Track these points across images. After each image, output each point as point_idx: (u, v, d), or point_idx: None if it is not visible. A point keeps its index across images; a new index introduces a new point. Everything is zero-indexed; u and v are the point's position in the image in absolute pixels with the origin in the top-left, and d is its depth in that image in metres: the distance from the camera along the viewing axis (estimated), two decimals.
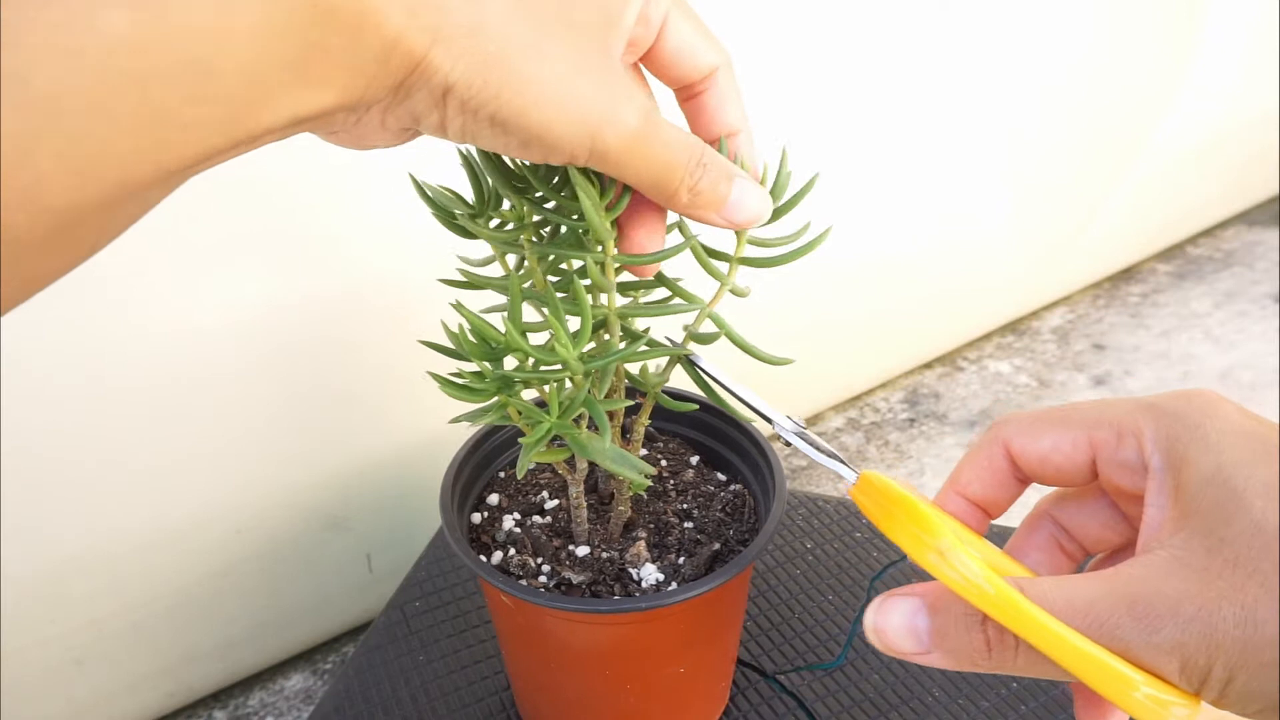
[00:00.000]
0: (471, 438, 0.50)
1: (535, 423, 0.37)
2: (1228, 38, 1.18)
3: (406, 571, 0.63)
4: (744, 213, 0.34)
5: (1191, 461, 0.26)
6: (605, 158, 0.30)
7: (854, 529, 0.65)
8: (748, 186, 0.34)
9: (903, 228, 1.02)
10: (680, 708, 0.49)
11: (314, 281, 0.64)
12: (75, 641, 0.65)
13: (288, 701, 0.74)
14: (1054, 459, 0.30)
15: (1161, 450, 0.28)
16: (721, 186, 0.33)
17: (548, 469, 0.52)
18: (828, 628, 0.58)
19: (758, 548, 0.42)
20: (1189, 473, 0.26)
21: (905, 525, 0.29)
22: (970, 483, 0.32)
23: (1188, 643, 0.24)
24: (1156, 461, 0.28)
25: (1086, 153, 1.15)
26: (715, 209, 0.34)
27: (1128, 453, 0.29)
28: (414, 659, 0.56)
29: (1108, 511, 0.32)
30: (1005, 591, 0.26)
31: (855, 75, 0.87)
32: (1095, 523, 0.33)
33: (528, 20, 0.28)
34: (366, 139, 0.29)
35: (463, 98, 0.27)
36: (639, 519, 0.48)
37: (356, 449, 0.72)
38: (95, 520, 0.62)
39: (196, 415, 0.63)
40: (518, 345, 0.34)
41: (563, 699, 0.48)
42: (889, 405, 1.13)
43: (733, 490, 0.50)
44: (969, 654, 0.28)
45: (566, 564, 0.45)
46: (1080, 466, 0.30)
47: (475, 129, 0.28)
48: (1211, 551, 0.25)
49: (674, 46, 0.33)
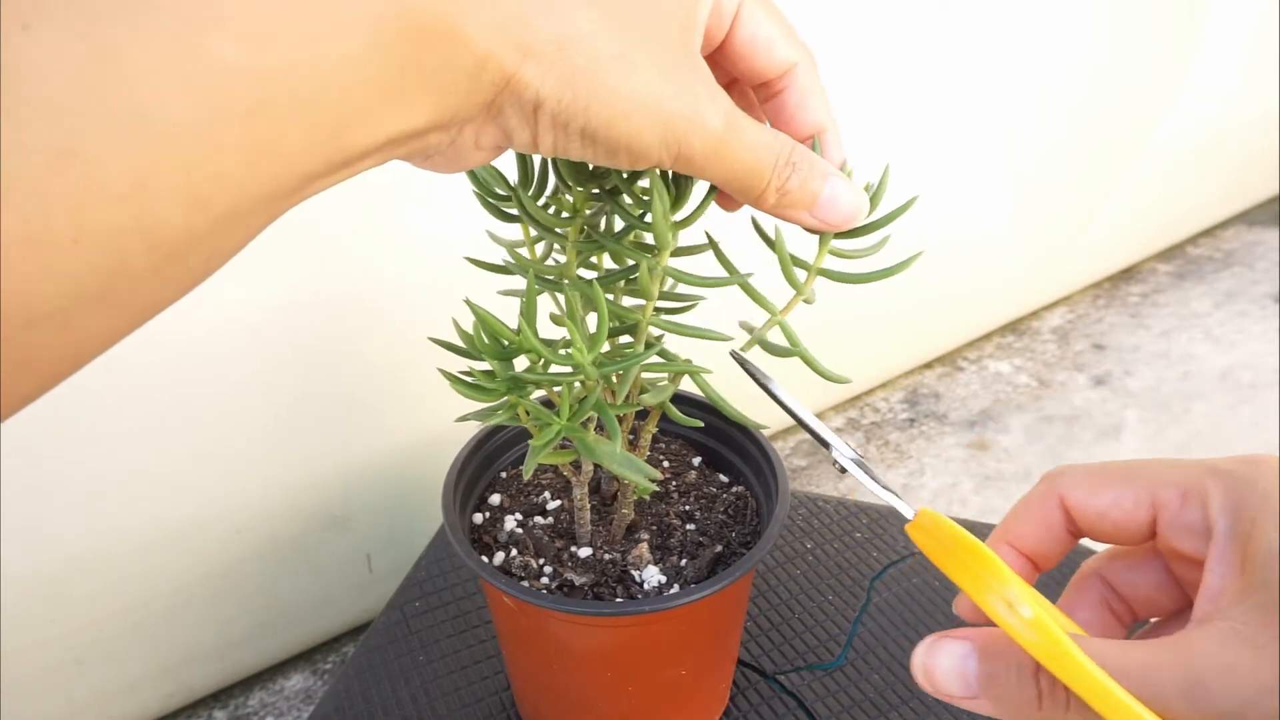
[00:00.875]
0: (474, 437, 0.49)
1: (544, 425, 0.36)
2: (1228, 38, 1.18)
3: (406, 571, 0.63)
4: (838, 212, 0.34)
5: (1260, 531, 0.25)
6: (690, 162, 0.30)
7: (854, 529, 0.65)
8: (841, 185, 0.33)
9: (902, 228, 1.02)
10: (681, 709, 0.49)
11: (316, 283, 0.64)
12: (75, 641, 0.64)
13: (288, 701, 0.74)
14: (1113, 515, 0.29)
15: (1228, 516, 0.26)
16: (814, 184, 0.32)
17: (551, 469, 0.52)
18: (828, 628, 0.58)
19: (761, 551, 0.42)
20: (1256, 543, 0.25)
21: (970, 569, 0.28)
22: (1023, 535, 0.31)
23: None
24: (1222, 527, 0.27)
25: (1086, 153, 1.15)
26: (806, 207, 0.33)
27: (1192, 515, 0.28)
28: (414, 659, 0.56)
29: (1161, 574, 0.31)
30: (1067, 647, 0.25)
31: (855, 76, 0.87)
32: (1147, 585, 0.31)
33: (613, 29, 0.27)
34: (462, 160, 0.29)
35: (553, 112, 0.27)
36: (641, 520, 0.48)
37: (357, 449, 0.72)
38: (95, 520, 0.62)
39: (196, 415, 0.63)
40: (531, 346, 0.34)
41: (564, 700, 0.48)
42: (889, 405, 1.13)
43: (735, 492, 0.50)
44: (1019, 705, 0.27)
45: (568, 565, 0.45)
46: (1140, 525, 0.29)
47: (566, 143, 0.28)
48: (1275, 628, 0.24)
49: (748, 37, 0.32)
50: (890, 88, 0.91)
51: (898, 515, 0.31)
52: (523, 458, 0.52)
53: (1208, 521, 0.27)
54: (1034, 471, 1.04)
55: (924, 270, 1.09)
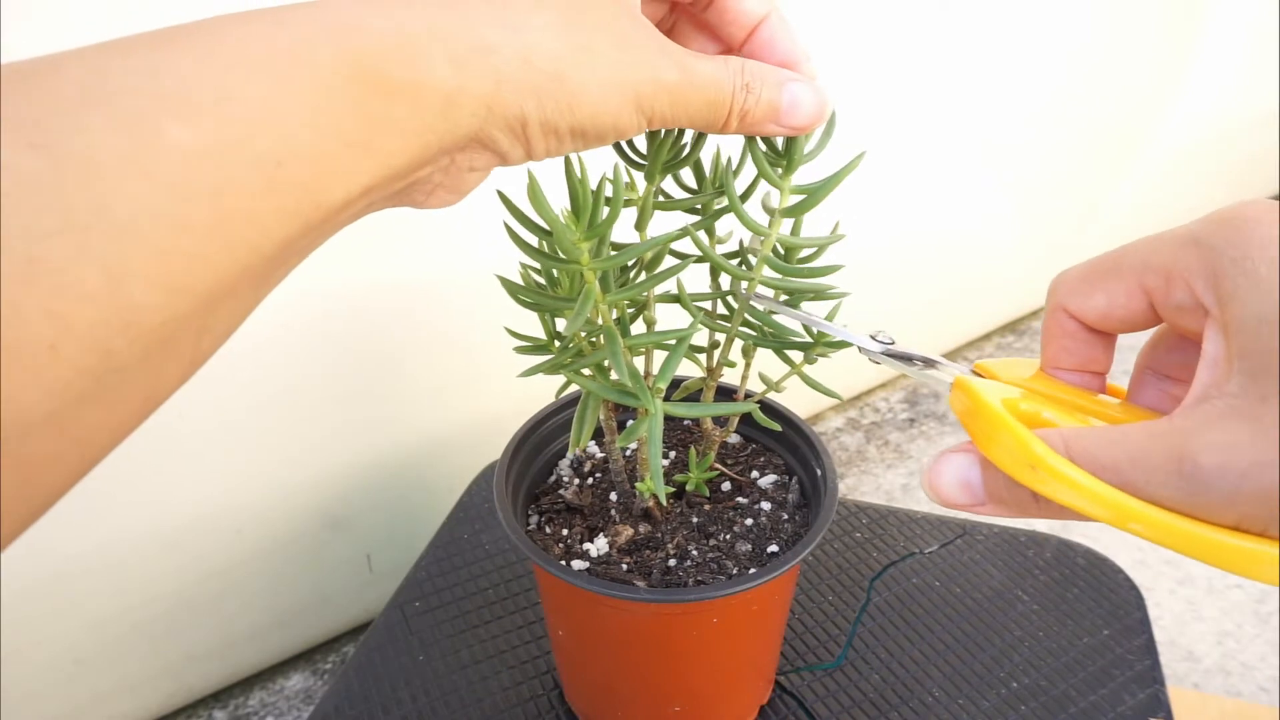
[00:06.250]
0: (512, 443, 0.49)
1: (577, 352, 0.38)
2: (1228, 38, 1.18)
3: (407, 571, 0.63)
4: (802, 114, 0.34)
5: (1240, 299, 0.24)
6: (662, 118, 0.31)
7: (853, 529, 0.65)
8: (798, 88, 0.34)
9: (902, 229, 1.02)
10: (733, 694, 0.50)
11: (316, 284, 0.64)
12: (75, 641, 0.65)
13: (288, 701, 0.74)
14: (1115, 314, 0.28)
15: (1211, 291, 0.25)
16: (771, 95, 0.33)
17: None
18: (827, 628, 0.58)
19: (813, 539, 0.42)
20: (1235, 311, 0.24)
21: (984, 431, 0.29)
22: (1057, 356, 0.31)
23: (1240, 498, 0.23)
24: (1209, 300, 0.25)
25: (1086, 153, 1.15)
26: (772, 120, 0.34)
27: (1181, 296, 0.26)
28: (414, 659, 0.56)
29: (1197, 350, 0.29)
30: (1036, 450, 0.26)
31: (854, 77, 0.87)
32: (1192, 363, 0.29)
33: (567, 23, 0.28)
34: (462, 185, 0.30)
35: (540, 122, 0.28)
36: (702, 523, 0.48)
37: (357, 449, 0.72)
38: (96, 521, 0.62)
39: (196, 415, 0.63)
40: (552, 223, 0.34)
41: (633, 681, 0.47)
42: (889, 405, 1.13)
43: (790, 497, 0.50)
44: (1019, 505, 0.28)
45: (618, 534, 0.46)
46: (1142, 313, 0.28)
47: (559, 145, 0.29)
48: (1266, 399, 0.23)
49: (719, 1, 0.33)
50: (890, 88, 0.91)
51: (897, 515, 0.32)
52: None
53: (1196, 298, 0.26)
54: None
55: (924, 271, 1.09)
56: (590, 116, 0.29)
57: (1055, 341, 0.31)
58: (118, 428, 0.22)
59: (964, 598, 0.59)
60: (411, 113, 0.25)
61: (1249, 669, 0.88)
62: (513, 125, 0.27)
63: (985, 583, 0.61)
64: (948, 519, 0.66)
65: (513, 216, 0.37)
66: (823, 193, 0.37)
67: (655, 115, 0.30)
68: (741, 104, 0.32)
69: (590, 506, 0.48)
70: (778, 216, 0.38)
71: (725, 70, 0.32)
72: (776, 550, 0.45)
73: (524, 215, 0.37)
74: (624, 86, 0.29)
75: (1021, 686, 0.54)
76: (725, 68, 0.32)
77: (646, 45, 0.30)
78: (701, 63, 0.31)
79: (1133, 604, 0.59)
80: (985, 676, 0.55)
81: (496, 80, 0.26)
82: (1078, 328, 0.30)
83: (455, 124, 0.26)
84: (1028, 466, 0.26)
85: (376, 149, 0.25)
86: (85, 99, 0.20)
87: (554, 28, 0.28)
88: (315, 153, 0.23)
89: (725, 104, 0.32)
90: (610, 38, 0.29)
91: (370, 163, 0.24)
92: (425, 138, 0.26)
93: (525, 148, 0.29)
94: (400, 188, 0.27)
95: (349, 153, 0.24)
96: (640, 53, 0.30)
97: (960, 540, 0.64)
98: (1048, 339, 0.31)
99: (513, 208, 0.37)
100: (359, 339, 0.68)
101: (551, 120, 0.28)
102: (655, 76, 0.30)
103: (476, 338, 0.71)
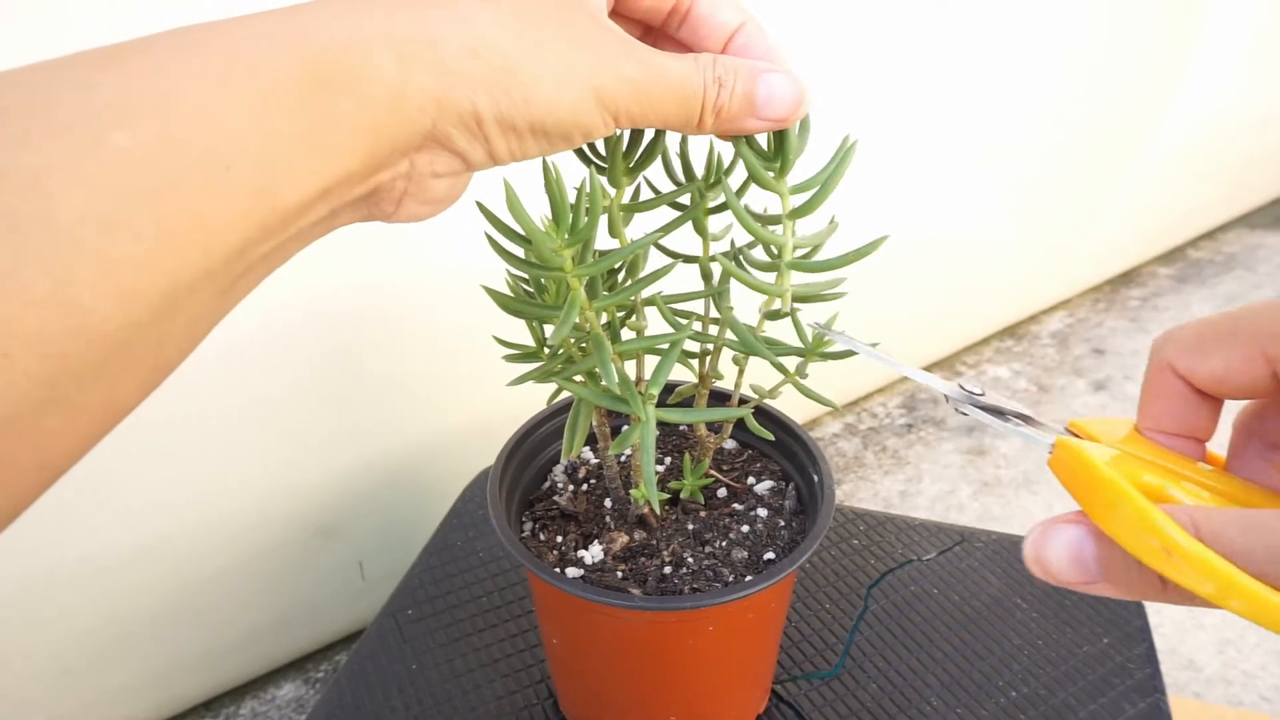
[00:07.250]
0: (503, 456, 0.48)
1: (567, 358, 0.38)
2: (1227, 38, 1.18)
3: (399, 579, 0.62)
4: (780, 106, 0.33)
5: None
6: (630, 117, 0.30)
7: (850, 536, 0.65)
8: (773, 78, 0.33)
9: (901, 231, 1.01)
10: (729, 703, 0.49)
11: (306, 290, 0.64)
12: (63, 650, 0.64)
13: (279, 710, 0.73)
14: (1231, 379, 0.27)
15: None
16: (746, 88, 0.32)
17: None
18: (824, 636, 0.57)
19: (810, 545, 0.41)
20: None
21: (1102, 503, 0.26)
22: (1159, 418, 0.29)
23: None
24: None
25: (1085, 155, 1.15)
26: (750, 114, 0.32)
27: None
28: (407, 667, 0.55)
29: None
30: (1166, 529, 0.24)
31: (853, 78, 0.87)
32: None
33: (516, 19, 0.27)
34: (428, 193, 0.29)
35: (495, 117, 0.27)
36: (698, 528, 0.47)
37: (348, 456, 0.71)
38: (83, 529, 0.61)
39: (186, 423, 0.63)
40: (532, 232, 0.33)
41: (628, 690, 0.47)
42: (886, 411, 1.12)
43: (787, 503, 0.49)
44: (1140, 589, 0.26)
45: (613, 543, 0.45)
46: (1260, 379, 0.27)
47: (521, 145, 0.28)
48: None
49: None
50: (888, 88, 0.90)
51: (895, 522, 0.31)
52: None
53: None
54: (1032, 478, 1.03)
55: (922, 274, 1.09)
56: (547, 112, 0.28)
57: (1159, 403, 0.29)
58: (80, 437, 0.22)
59: (962, 605, 0.59)
60: (358, 108, 0.24)
61: (1250, 678, 0.87)
62: (466, 121, 0.27)
63: (984, 590, 0.60)
64: (945, 526, 0.65)
65: (493, 226, 0.36)
66: (831, 184, 0.36)
67: (621, 114, 0.30)
68: (715, 100, 0.31)
69: (585, 513, 0.47)
70: (788, 220, 0.37)
71: (695, 66, 0.31)
72: (773, 557, 0.44)
73: (504, 225, 0.36)
74: (582, 82, 0.28)
75: (1020, 695, 0.53)
76: (695, 64, 0.31)
77: (605, 41, 0.29)
78: (669, 60, 0.31)
79: (1133, 611, 0.58)
80: (984, 685, 0.54)
81: (442, 73, 0.26)
82: (1185, 389, 0.28)
83: (406, 120, 0.26)
84: (1162, 552, 0.24)
85: (325, 147, 0.24)
86: (27, 113, 0.20)
87: (503, 22, 0.27)
88: (263, 154, 0.23)
89: (697, 100, 0.31)
90: (565, 33, 0.28)
91: (320, 162, 0.24)
92: (377, 136, 0.25)
93: (485, 147, 0.28)
94: (363, 193, 0.27)
95: (297, 151, 0.23)
96: (599, 48, 0.29)
97: (958, 547, 0.63)
98: (1151, 399, 0.29)
99: (492, 218, 0.36)
100: (349, 344, 0.67)
101: (507, 116, 0.27)
102: (616, 72, 0.29)
103: (469, 343, 0.70)
